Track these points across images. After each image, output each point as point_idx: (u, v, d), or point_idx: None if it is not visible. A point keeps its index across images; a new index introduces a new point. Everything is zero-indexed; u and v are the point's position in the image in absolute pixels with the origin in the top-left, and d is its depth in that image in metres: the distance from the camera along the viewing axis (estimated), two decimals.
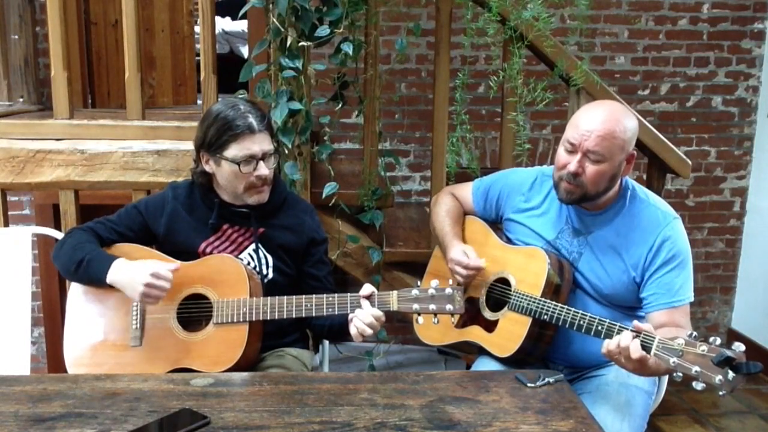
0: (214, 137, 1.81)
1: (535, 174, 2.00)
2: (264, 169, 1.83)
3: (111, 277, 1.76)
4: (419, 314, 1.68)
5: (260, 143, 1.81)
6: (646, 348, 1.50)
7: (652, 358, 1.50)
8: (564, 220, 1.90)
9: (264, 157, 1.83)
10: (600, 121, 1.73)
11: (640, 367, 1.54)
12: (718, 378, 1.36)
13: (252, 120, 1.80)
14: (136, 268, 1.74)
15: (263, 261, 1.90)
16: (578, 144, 1.74)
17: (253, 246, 1.91)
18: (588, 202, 1.81)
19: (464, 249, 1.96)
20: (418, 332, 2.10)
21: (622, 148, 1.74)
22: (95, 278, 1.80)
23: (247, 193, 1.86)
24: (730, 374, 1.35)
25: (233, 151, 1.80)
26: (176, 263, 1.80)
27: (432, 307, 1.66)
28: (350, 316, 1.70)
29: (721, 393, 1.37)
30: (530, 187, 1.98)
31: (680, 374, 1.43)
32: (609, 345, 1.56)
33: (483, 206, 2.09)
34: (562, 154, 1.79)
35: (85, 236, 1.86)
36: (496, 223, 2.09)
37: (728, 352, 1.35)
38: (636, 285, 1.81)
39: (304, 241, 1.95)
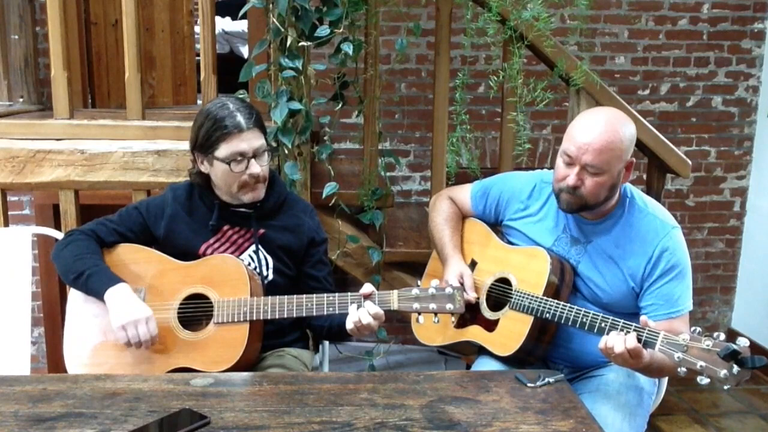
0: (204, 138, 1.81)
1: (534, 181, 1.99)
2: (256, 167, 1.82)
3: (108, 295, 1.75)
4: (420, 313, 1.68)
5: (249, 141, 1.80)
6: (650, 344, 1.51)
7: (647, 352, 1.53)
8: (561, 228, 1.90)
9: (255, 154, 1.82)
10: (597, 133, 1.71)
11: (634, 363, 1.55)
12: (723, 372, 1.38)
13: (240, 118, 1.79)
14: (136, 305, 1.74)
15: (263, 262, 1.90)
16: (575, 157, 1.73)
17: (253, 247, 1.90)
18: (588, 211, 1.81)
19: (461, 272, 1.95)
20: (416, 333, 2.10)
21: (620, 158, 1.72)
22: (93, 293, 1.79)
23: (241, 192, 1.85)
24: (735, 368, 1.36)
25: (223, 150, 1.79)
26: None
27: (432, 306, 1.66)
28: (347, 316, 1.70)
29: (726, 387, 1.39)
30: (529, 195, 1.97)
31: (684, 369, 1.44)
32: (607, 340, 1.57)
33: (482, 210, 2.08)
34: (560, 166, 1.78)
35: (88, 244, 1.84)
36: (497, 226, 2.08)
37: (734, 346, 1.36)
38: (635, 294, 1.80)
39: (303, 241, 1.94)
